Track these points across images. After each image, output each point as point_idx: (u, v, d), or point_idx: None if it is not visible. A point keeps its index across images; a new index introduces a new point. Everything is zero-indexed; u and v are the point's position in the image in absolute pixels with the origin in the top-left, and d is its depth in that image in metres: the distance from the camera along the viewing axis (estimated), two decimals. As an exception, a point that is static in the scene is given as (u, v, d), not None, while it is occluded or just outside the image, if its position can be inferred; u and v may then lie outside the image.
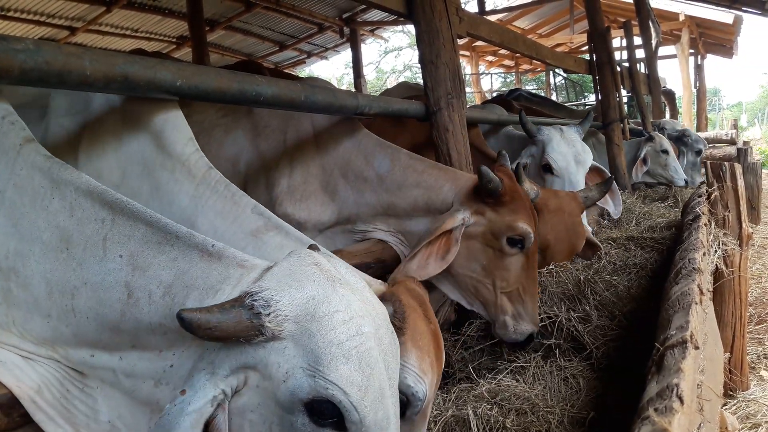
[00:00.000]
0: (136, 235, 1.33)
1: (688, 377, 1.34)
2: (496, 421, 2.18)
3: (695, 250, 2.58)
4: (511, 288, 2.61)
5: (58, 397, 1.38)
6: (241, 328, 1.11)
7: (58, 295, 1.33)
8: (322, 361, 1.13)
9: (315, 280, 1.21)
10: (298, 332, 1.15)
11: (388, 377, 1.23)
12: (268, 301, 1.14)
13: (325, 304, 1.18)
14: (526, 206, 2.62)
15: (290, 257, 1.29)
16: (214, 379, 1.14)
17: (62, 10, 9.31)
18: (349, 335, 1.17)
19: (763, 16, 8.93)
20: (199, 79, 1.83)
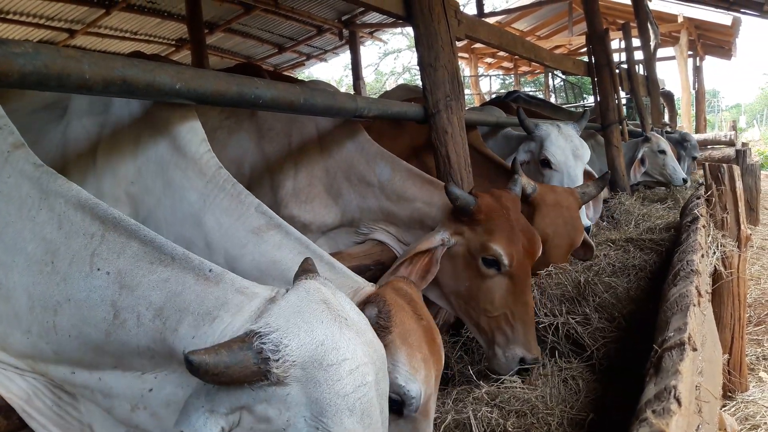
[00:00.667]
0: (126, 252, 1.28)
1: (686, 379, 1.34)
2: (497, 423, 2.18)
3: (693, 252, 2.59)
4: (497, 312, 2.51)
5: (50, 405, 1.36)
6: (247, 373, 1.07)
7: (40, 310, 1.29)
8: (327, 413, 1.10)
9: (324, 322, 1.17)
10: (304, 379, 1.11)
11: (381, 421, 1.21)
12: (277, 345, 1.10)
13: (334, 351, 1.14)
14: (505, 226, 2.54)
15: (298, 290, 1.24)
16: (214, 418, 1.10)
17: (61, 13, 9.31)
18: (354, 386, 1.14)
19: (762, 17, 8.94)
20: (198, 83, 1.84)
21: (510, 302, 2.50)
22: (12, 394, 1.37)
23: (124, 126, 2.03)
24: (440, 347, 1.74)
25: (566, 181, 4.15)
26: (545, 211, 3.31)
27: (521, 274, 2.53)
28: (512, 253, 2.48)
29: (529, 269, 2.60)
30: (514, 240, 2.52)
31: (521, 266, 2.53)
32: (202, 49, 8.37)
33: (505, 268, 2.48)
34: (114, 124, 2.04)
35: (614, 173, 6.34)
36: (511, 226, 2.56)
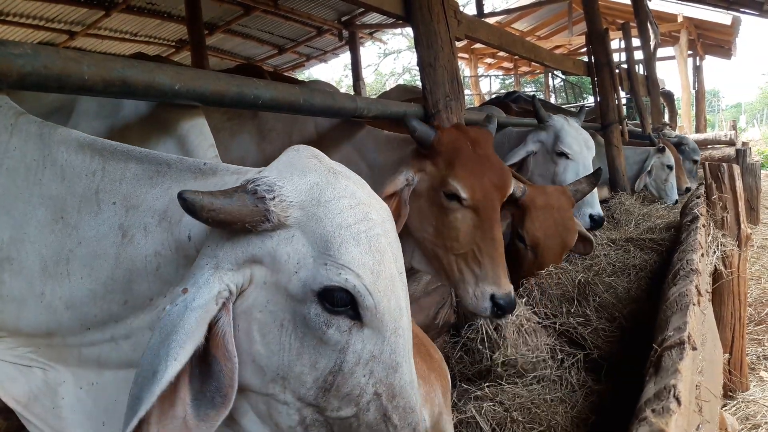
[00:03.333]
0: (126, 175, 1.29)
1: (686, 378, 1.34)
2: (502, 417, 2.18)
3: (693, 252, 2.58)
4: (465, 249, 2.45)
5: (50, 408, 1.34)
6: (245, 212, 1.06)
7: (53, 265, 1.29)
8: (332, 245, 1.09)
9: (317, 170, 1.18)
10: (304, 218, 1.11)
11: (396, 268, 1.19)
12: (271, 186, 1.10)
13: (329, 189, 1.14)
14: (466, 158, 2.47)
15: (289, 151, 1.25)
16: (219, 273, 1.08)
17: (61, 15, 9.31)
18: (357, 219, 1.13)
19: (762, 17, 8.95)
20: (198, 83, 1.84)
21: (477, 237, 2.44)
22: (11, 397, 1.36)
23: (133, 128, 2.04)
24: (440, 362, 1.72)
25: (581, 170, 4.17)
26: (535, 214, 3.28)
27: (487, 209, 2.46)
28: (473, 185, 2.42)
29: (496, 204, 2.53)
30: (476, 172, 2.46)
31: (486, 200, 2.46)
32: (202, 50, 8.36)
33: (467, 202, 2.41)
34: (122, 126, 2.04)
35: (614, 173, 6.33)
36: (474, 158, 2.49)
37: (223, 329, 1.08)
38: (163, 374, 0.98)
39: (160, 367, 0.99)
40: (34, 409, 1.36)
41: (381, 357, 1.13)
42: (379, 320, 1.12)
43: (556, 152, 4.27)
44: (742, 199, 3.70)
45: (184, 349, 1.00)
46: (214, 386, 1.08)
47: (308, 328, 1.10)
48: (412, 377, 1.18)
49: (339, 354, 1.11)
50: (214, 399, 1.07)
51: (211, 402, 1.07)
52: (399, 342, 1.15)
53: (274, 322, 1.12)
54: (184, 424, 1.04)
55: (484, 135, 2.66)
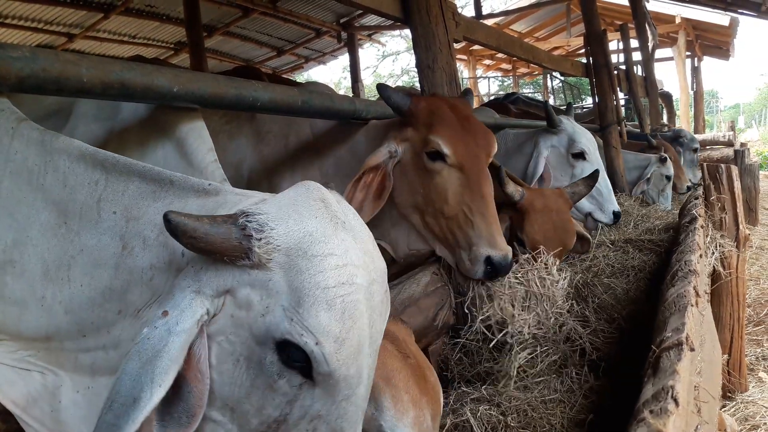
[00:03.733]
0: (129, 188, 1.29)
1: (684, 379, 1.34)
2: (498, 421, 2.18)
3: (691, 252, 2.59)
4: (455, 211, 2.40)
5: (48, 412, 1.34)
6: (227, 246, 1.04)
7: (55, 270, 1.29)
8: (304, 304, 1.06)
9: (317, 217, 1.14)
10: (287, 266, 1.08)
11: (369, 335, 1.16)
12: (262, 226, 1.07)
13: (321, 243, 1.11)
14: (445, 118, 2.44)
15: (298, 187, 1.22)
16: (201, 298, 1.07)
17: (60, 17, 9.31)
18: (338, 282, 1.09)
19: (760, 17, 8.97)
20: (196, 85, 1.84)
21: (466, 197, 2.40)
22: (10, 400, 1.36)
23: (132, 131, 2.04)
24: (434, 385, 1.70)
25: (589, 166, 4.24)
26: (534, 217, 3.28)
27: (473, 167, 2.43)
28: (454, 141, 2.39)
29: (482, 163, 2.49)
30: (457, 130, 2.43)
31: (471, 158, 2.43)
32: (200, 53, 8.36)
33: (450, 159, 2.39)
34: (121, 129, 2.04)
35: (613, 174, 6.34)
36: (454, 119, 2.46)
37: (198, 352, 1.07)
38: (147, 402, 0.97)
39: (143, 394, 0.97)
40: (33, 412, 1.36)
41: (327, 418, 1.12)
42: (332, 385, 1.10)
43: (573, 154, 4.29)
44: (740, 200, 3.71)
45: (168, 375, 1.00)
46: (182, 407, 1.07)
47: (261, 372, 1.10)
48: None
49: (285, 405, 1.11)
50: (180, 419, 1.07)
51: (178, 422, 1.07)
52: (349, 409, 1.14)
53: (232, 354, 1.11)
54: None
55: (461, 101, 2.65)
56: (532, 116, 7.34)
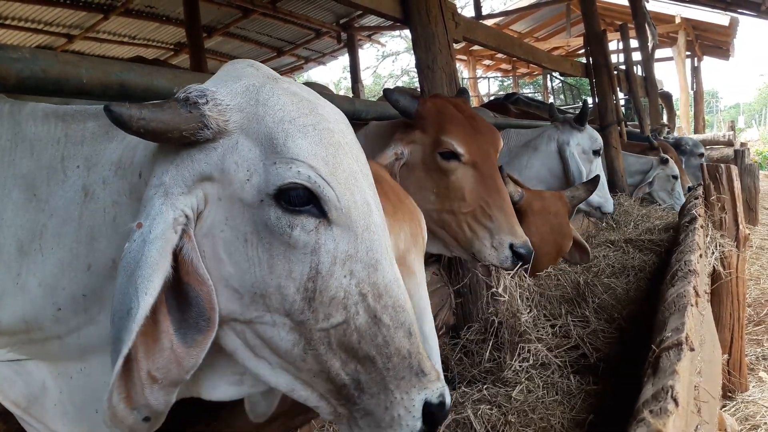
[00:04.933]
0: (86, 136, 1.25)
1: (684, 379, 1.34)
2: (497, 420, 2.18)
3: (691, 252, 2.59)
4: (472, 206, 2.43)
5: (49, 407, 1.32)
6: (179, 119, 1.00)
7: (28, 244, 1.25)
8: (278, 141, 1.03)
9: (253, 75, 1.12)
10: (245, 121, 1.05)
11: (359, 169, 1.12)
12: (203, 91, 1.04)
13: (266, 88, 1.08)
14: (454, 118, 2.48)
15: (225, 65, 1.20)
16: (170, 200, 1.03)
17: (60, 18, 9.32)
18: (300, 113, 1.07)
19: (759, 17, 8.97)
20: (196, 86, 1.84)
21: (482, 192, 2.43)
22: (10, 400, 1.36)
23: None
24: (409, 205, 1.74)
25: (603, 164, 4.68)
26: (531, 218, 3.29)
27: (485, 163, 2.47)
28: (467, 140, 2.42)
29: (493, 159, 2.53)
30: (467, 129, 2.47)
31: (482, 155, 2.47)
32: (200, 53, 8.37)
33: (465, 157, 2.42)
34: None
35: (613, 174, 6.34)
36: (462, 118, 2.51)
37: (189, 256, 1.04)
38: (137, 310, 0.96)
39: (132, 304, 0.97)
40: (33, 411, 1.35)
41: (358, 255, 1.08)
42: (346, 215, 1.06)
43: (593, 150, 4.56)
44: (740, 199, 3.71)
45: (152, 281, 0.98)
46: (195, 312, 1.05)
47: (273, 236, 1.05)
48: (395, 275, 1.13)
49: (312, 256, 1.05)
50: (198, 324, 1.05)
51: (196, 327, 1.05)
52: (374, 239, 1.10)
53: (237, 238, 1.06)
54: (173, 353, 1.03)
55: (462, 101, 2.69)
56: (532, 116, 7.34)
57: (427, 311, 1.65)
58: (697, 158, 8.11)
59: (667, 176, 6.57)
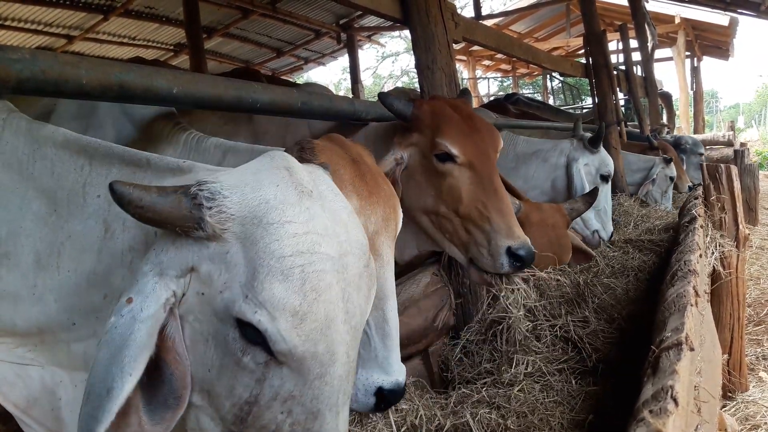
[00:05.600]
0: (112, 171, 1.27)
1: (684, 379, 1.34)
2: (497, 424, 2.18)
3: (691, 252, 2.59)
4: (470, 209, 2.40)
5: (49, 410, 1.34)
6: (177, 215, 1.00)
7: (46, 258, 1.28)
8: (258, 276, 0.99)
9: (278, 185, 1.07)
10: (242, 237, 1.02)
11: (345, 310, 1.08)
12: (214, 194, 1.02)
13: (278, 210, 1.04)
14: (450, 119, 2.45)
15: (263, 157, 1.16)
16: (164, 280, 1.04)
17: (59, 19, 9.32)
18: (296, 250, 1.02)
19: (759, 17, 8.97)
20: (195, 87, 1.85)
21: (479, 194, 2.40)
22: (10, 402, 1.36)
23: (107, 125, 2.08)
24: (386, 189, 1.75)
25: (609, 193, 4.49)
26: (529, 230, 3.25)
27: (483, 164, 2.44)
28: (462, 141, 2.40)
29: (492, 160, 2.50)
30: (463, 129, 2.44)
31: (480, 155, 2.44)
32: (200, 54, 8.37)
33: (460, 158, 2.40)
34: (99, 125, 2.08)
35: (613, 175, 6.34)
36: (458, 118, 2.48)
37: (172, 335, 1.05)
38: (120, 391, 0.95)
39: (114, 384, 0.96)
40: (33, 413, 1.35)
41: (301, 399, 1.06)
42: (298, 363, 1.03)
43: (601, 175, 4.50)
44: (740, 199, 3.71)
45: (138, 362, 0.98)
46: (167, 390, 1.05)
47: (227, 351, 1.05)
48: (338, 429, 1.10)
49: (255, 385, 1.05)
50: (167, 402, 1.05)
51: (165, 404, 1.05)
52: (324, 390, 1.06)
53: (202, 333, 1.07)
54: (140, 428, 1.02)
55: (462, 101, 2.67)
56: (531, 117, 7.34)
57: (390, 294, 1.70)
58: (697, 156, 8.13)
59: (666, 176, 6.58)
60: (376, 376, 1.66)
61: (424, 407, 2.25)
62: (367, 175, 1.72)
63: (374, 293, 1.21)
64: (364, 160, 1.75)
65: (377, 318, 1.69)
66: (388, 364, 1.68)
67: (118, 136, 2.06)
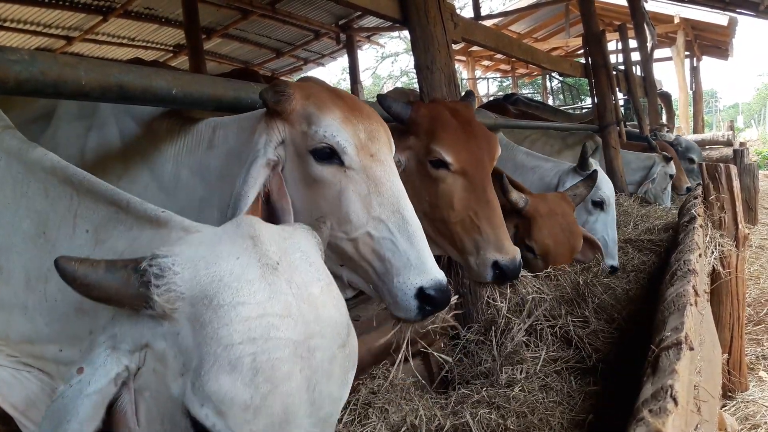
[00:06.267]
0: (99, 209, 1.24)
1: (683, 378, 1.34)
2: (497, 424, 2.18)
3: (690, 252, 2.59)
4: (461, 216, 2.39)
5: None
6: (125, 293, 0.94)
7: (35, 281, 1.26)
8: (204, 365, 0.90)
9: (239, 258, 0.98)
10: (192, 318, 0.94)
11: (309, 400, 0.96)
12: (164, 270, 0.95)
13: (231, 290, 0.94)
14: (447, 125, 2.45)
15: (229, 224, 1.08)
16: (116, 355, 0.98)
17: (59, 20, 9.32)
18: (247, 337, 0.91)
19: (758, 17, 8.97)
20: (195, 88, 1.85)
21: (471, 202, 2.39)
22: (9, 403, 1.36)
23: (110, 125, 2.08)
24: (367, 109, 1.80)
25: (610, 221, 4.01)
26: (541, 222, 3.29)
27: (477, 172, 2.43)
28: (457, 148, 2.40)
29: (486, 168, 2.49)
30: (458, 137, 2.44)
31: (474, 163, 2.43)
32: (199, 55, 8.37)
33: (453, 166, 2.39)
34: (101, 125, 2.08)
35: (612, 174, 6.34)
36: (455, 124, 2.47)
37: (124, 408, 0.99)
38: None
39: None
40: (32, 415, 1.36)
41: None
42: None
43: (593, 201, 4.03)
44: (739, 199, 3.71)
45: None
46: None
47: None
48: None
49: None
50: None
51: None
52: None
53: (157, 413, 1.01)
54: None
55: (462, 105, 2.65)
56: (531, 117, 7.34)
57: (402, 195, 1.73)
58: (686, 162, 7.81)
59: (666, 174, 6.58)
60: (413, 277, 1.62)
61: (424, 407, 2.25)
62: (346, 97, 1.76)
63: (353, 375, 1.08)
64: (340, 91, 1.80)
65: (397, 222, 1.68)
66: (422, 262, 1.65)
67: (121, 133, 2.07)
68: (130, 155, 2.02)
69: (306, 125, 1.68)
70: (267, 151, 1.67)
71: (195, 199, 1.90)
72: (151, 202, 1.97)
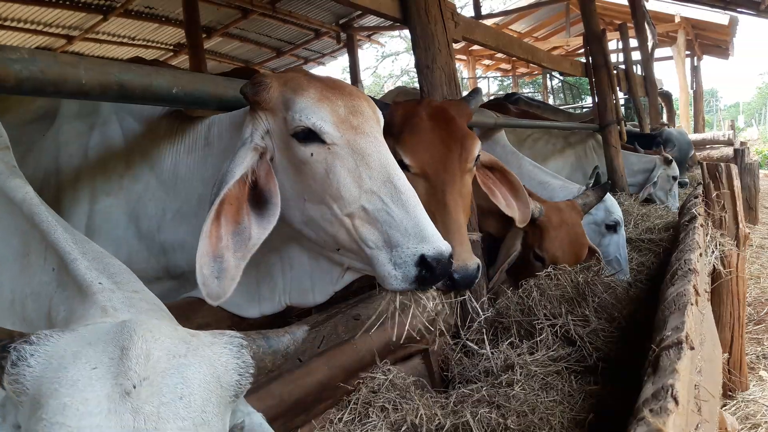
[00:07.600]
0: (57, 251, 1.21)
1: (684, 378, 1.34)
2: (497, 423, 2.18)
3: (691, 251, 2.59)
4: None
5: None
6: None
7: (18, 304, 1.26)
8: None
9: (95, 369, 0.86)
10: (26, 419, 0.86)
11: None
12: (20, 360, 0.87)
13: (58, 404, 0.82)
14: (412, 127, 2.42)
15: (117, 325, 0.95)
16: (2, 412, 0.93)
17: (59, 19, 9.32)
18: None
19: (759, 16, 8.96)
20: (195, 86, 1.85)
21: (432, 206, 2.28)
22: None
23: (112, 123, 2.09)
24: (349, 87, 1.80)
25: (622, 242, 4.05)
26: (553, 233, 3.32)
27: (438, 176, 2.38)
28: (418, 152, 2.38)
29: (452, 170, 2.42)
30: (424, 140, 2.40)
31: (436, 166, 2.39)
32: (200, 54, 8.37)
33: (414, 169, 2.37)
34: (104, 123, 2.09)
35: (613, 174, 6.34)
36: (425, 126, 2.44)
37: None
38: None
39: None
40: None
41: None
42: None
43: (606, 225, 4.06)
44: (740, 198, 3.71)
45: None
46: None
47: None
48: None
49: None
50: None
51: None
52: None
53: None
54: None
55: (453, 103, 2.62)
56: (532, 116, 7.33)
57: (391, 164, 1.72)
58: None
59: (668, 176, 6.57)
60: (412, 246, 1.58)
61: (424, 407, 2.25)
62: (326, 79, 1.76)
63: None
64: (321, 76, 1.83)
65: (390, 192, 1.64)
66: (420, 230, 1.60)
67: (123, 132, 2.08)
68: (132, 153, 2.04)
69: (285, 111, 1.69)
70: (254, 138, 1.68)
71: (194, 197, 1.93)
72: (151, 200, 1.99)
